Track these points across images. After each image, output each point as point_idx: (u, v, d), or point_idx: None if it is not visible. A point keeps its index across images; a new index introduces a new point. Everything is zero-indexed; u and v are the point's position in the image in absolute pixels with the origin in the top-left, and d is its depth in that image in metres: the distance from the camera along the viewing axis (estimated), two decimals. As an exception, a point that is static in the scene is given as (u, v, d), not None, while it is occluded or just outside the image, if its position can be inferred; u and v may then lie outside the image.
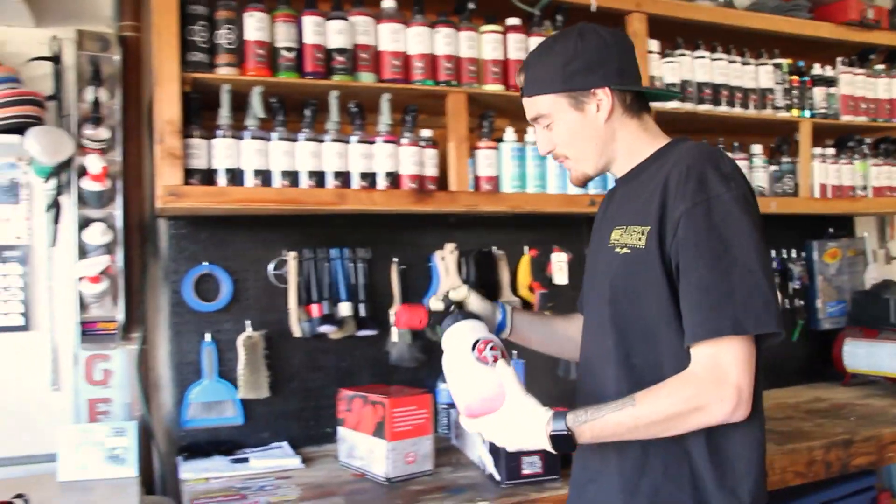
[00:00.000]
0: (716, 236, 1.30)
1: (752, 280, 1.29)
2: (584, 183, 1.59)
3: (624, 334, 1.45)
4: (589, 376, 1.55)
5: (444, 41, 2.28)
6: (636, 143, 1.53)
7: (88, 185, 2.12)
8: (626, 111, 1.51)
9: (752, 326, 1.28)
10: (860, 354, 3.15)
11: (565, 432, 1.33)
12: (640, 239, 1.41)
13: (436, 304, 1.69)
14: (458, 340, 1.47)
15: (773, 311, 1.29)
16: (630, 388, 1.39)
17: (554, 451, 1.37)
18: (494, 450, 1.99)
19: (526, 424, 1.37)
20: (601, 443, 1.42)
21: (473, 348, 1.44)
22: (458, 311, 1.58)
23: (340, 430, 2.20)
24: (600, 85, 1.48)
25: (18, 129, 2.04)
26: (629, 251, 1.43)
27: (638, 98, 1.53)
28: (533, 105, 1.54)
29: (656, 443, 1.38)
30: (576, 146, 1.52)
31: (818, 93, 3.00)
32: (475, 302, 1.69)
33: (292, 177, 2.11)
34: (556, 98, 1.49)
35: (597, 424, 1.33)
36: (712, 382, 1.28)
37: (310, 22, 2.12)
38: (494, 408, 1.39)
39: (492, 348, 1.44)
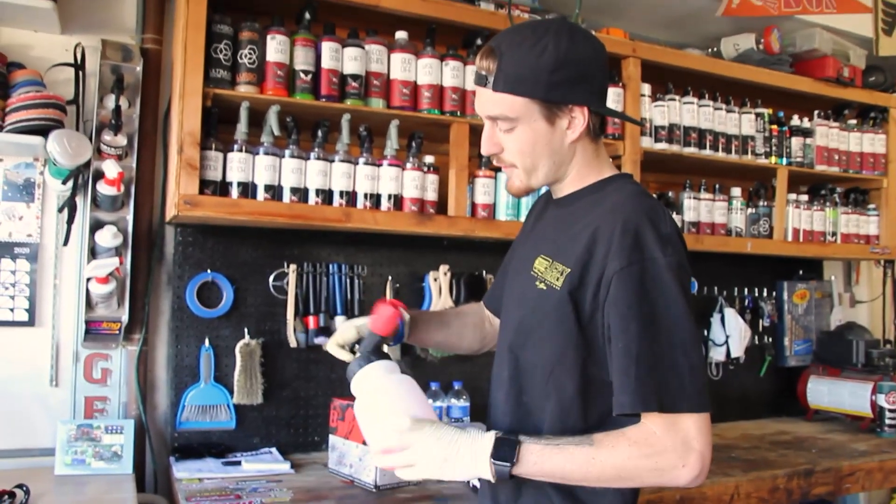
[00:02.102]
0: (647, 303, 1.26)
1: (675, 355, 1.25)
2: (523, 195, 1.49)
3: (520, 370, 1.43)
4: (491, 393, 1.52)
5: (451, 73, 2.40)
6: (586, 168, 1.45)
7: (104, 188, 2.19)
8: (589, 134, 1.42)
9: (673, 405, 1.23)
10: (823, 392, 3.30)
11: (514, 441, 1.26)
12: (558, 279, 1.36)
13: (336, 350, 1.59)
14: (375, 384, 1.40)
15: (695, 390, 1.24)
16: (512, 424, 1.39)
17: (491, 470, 1.25)
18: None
19: (471, 436, 1.28)
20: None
21: None
22: (367, 353, 1.45)
23: (332, 438, 2.28)
24: (580, 103, 1.37)
25: (40, 130, 2.11)
26: (545, 288, 1.38)
27: (601, 121, 1.46)
28: (500, 103, 1.36)
29: (530, 481, 1.32)
30: (532, 158, 1.40)
31: (795, 142, 3.16)
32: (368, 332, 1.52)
33: (301, 193, 2.21)
34: (530, 103, 1.35)
35: (546, 452, 1.26)
36: (676, 447, 1.23)
37: (327, 48, 2.23)
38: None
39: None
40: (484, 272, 2.80)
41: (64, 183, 2.20)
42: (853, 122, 3.37)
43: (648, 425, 1.25)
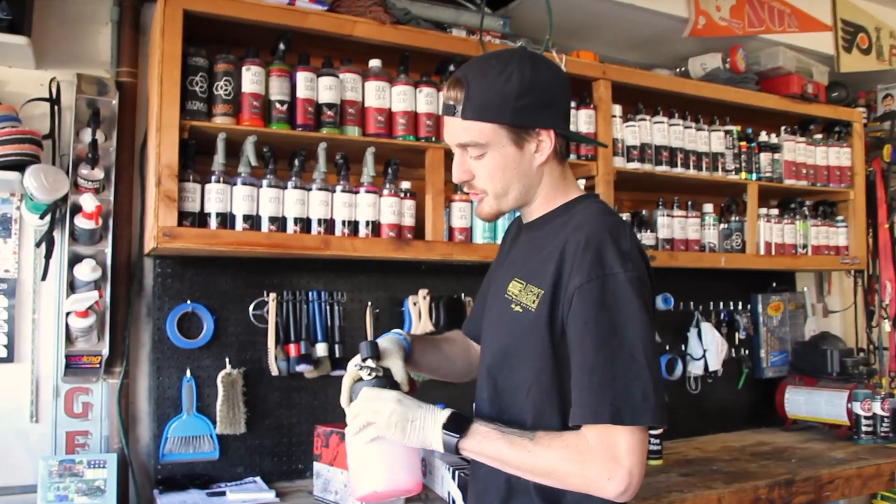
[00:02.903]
0: (605, 317, 1.29)
1: (633, 369, 1.27)
2: (493, 219, 1.52)
3: (499, 391, 1.46)
4: (475, 414, 1.53)
5: (425, 100, 2.44)
6: (554, 190, 1.48)
7: (82, 222, 2.19)
8: (556, 156, 1.46)
9: (628, 419, 1.26)
10: (800, 401, 3.35)
11: (467, 419, 1.34)
12: (533, 302, 1.39)
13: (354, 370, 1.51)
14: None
15: (650, 405, 1.26)
16: None
17: (441, 438, 1.34)
18: (463, 485, 2.11)
19: (430, 408, 1.37)
20: (469, 488, 1.50)
21: None
22: (379, 375, 1.46)
23: (316, 466, 2.28)
24: (547, 126, 1.41)
25: (16, 166, 2.11)
26: (521, 311, 1.41)
27: (567, 144, 1.49)
28: (470, 130, 1.40)
29: (516, 499, 1.41)
30: (502, 182, 1.43)
31: (764, 158, 3.23)
32: (392, 354, 1.53)
33: (280, 222, 2.23)
34: (498, 129, 1.39)
35: (491, 435, 1.33)
36: (605, 460, 1.26)
37: (302, 77, 2.26)
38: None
39: None
40: (463, 295, 2.82)
41: (41, 217, 2.20)
42: (819, 136, 3.45)
43: (585, 433, 1.29)
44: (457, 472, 2.18)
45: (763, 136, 3.27)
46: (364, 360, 1.48)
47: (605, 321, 1.29)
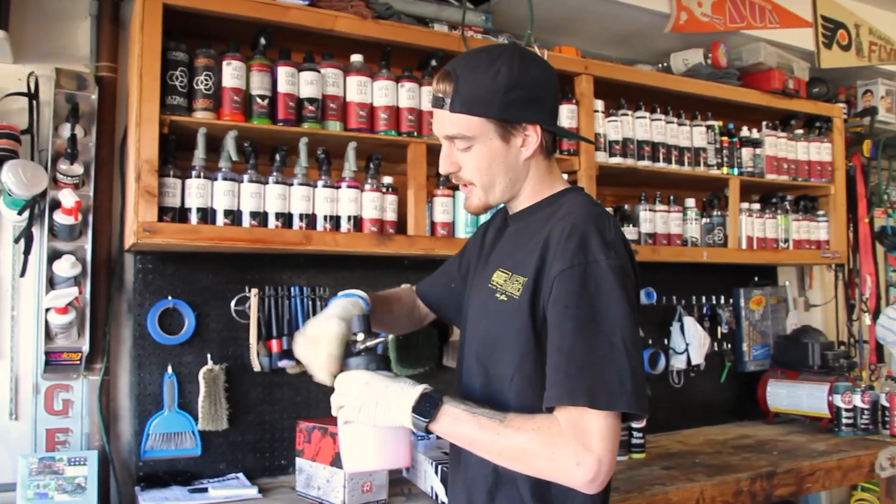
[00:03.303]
0: (586, 302, 1.29)
1: (612, 355, 1.27)
2: (482, 212, 1.54)
3: (490, 379, 1.47)
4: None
5: (407, 94, 2.44)
6: (540, 184, 1.51)
7: (61, 218, 2.18)
8: (542, 151, 1.48)
9: (604, 403, 1.25)
10: (782, 395, 3.38)
11: (437, 400, 1.32)
12: (518, 290, 1.40)
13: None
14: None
15: (626, 390, 1.26)
16: None
17: (410, 420, 1.33)
18: (445, 479, 2.11)
19: (400, 387, 1.36)
20: (454, 480, 1.50)
21: None
22: (373, 354, 1.46)
23: (299, 461, 2.28)
24: (533, 121, 1.44)
25: (-6, 161, 2.10)
26: (506, 299, 1.43)
27: (553, 139, 1.52)
28: (458, 123, 1.43)
29: (503, 489, 1.42)
30: (489, 176, 1.46)
31: (746, 153, 3.25)
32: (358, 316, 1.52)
33: (261, 217, 2.22)
34: (486, 122, 1.41)
35: (462, 416, 1.31)
36: (574, 444, 1.25)
37: (283, 72, 2.25)
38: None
39: None
40: (446, 289, 2.82)
41: (20, 213, 2.18)
42: (800, 131, 3.47)
43: (557, 417, 1.29)
44: (439, 467, 2.18)
45: (745, 132, 3.28)
46: (355, 334, 1.48)
47: (585, 307, 1.30)
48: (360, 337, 1.47)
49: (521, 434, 1.28)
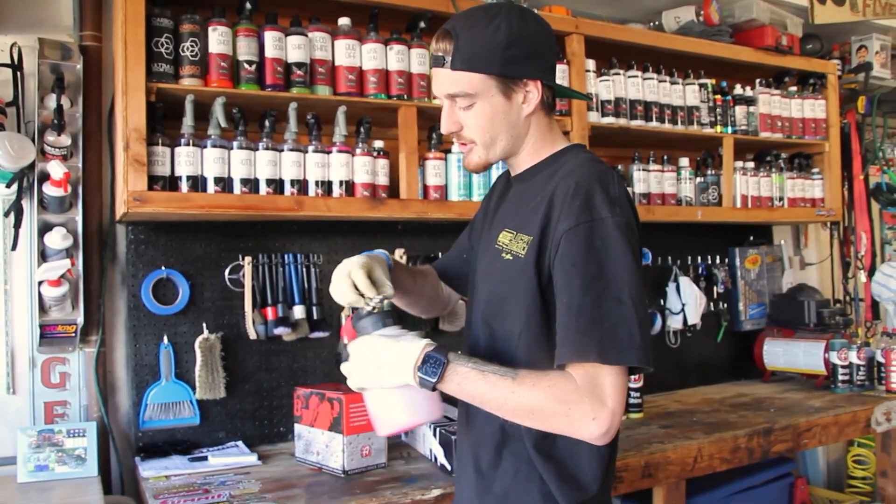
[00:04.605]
0: (593, 259, 1.31)
1: (620, 310, 1.28)
2: (481, 170, 1.53)
3: (495, 339, 1.48)
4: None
5: (396, 57, 2.41)
6: (541, 141, 1.51)
7: (50, 190, 2.16)
8: (542, 107, 1.49)
9: (614, 358, 1.27)
10: (778, 353, 3.39)
11: (442, 359, 1.31)
12: (523, 249, 1.42)
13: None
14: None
15: (636, 345, 1.28)
16: None
17: (416, 380, 1.32)
18: (445, 442, 2.12)
19: (401, 346, 1.35)
20: (462, 438, 1.49)
21: None
22: (381, 313, 1.45)
23: (297, 427, 2.28)
24: (534, 77, 1.44)
25: (-21, 135, 2.08)
26: (511, 258, 1.44)
27: (553, 96, 1.52)
28: (459, 81, 1.42)
29: (510, 445, 1.44)
30: (491, 133, 1.46)
31: (739, 111, 3.23)
32: (385, 278, 1.52)
33: (252, 184, 2.21)
34: (487, 79, 1.42)
35: (471, 375, 1.31)
36: (591, 400, 1.27)
37: (270, 37, 2.22)
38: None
39: None
40: (440, 254, 2.81)
41: (8, 186, 2.17)
42: (794, 89, 3.44)
43: (571, 373, 1.30)
44: (438, 430, 2.19)
45: (738, 90, 3.26)
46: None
47: (593, 264, 1.31)
48: (372, 294, 1.46)
49: (536, 391, 1.29)
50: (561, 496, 1.41)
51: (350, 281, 1.47)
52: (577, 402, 1.27)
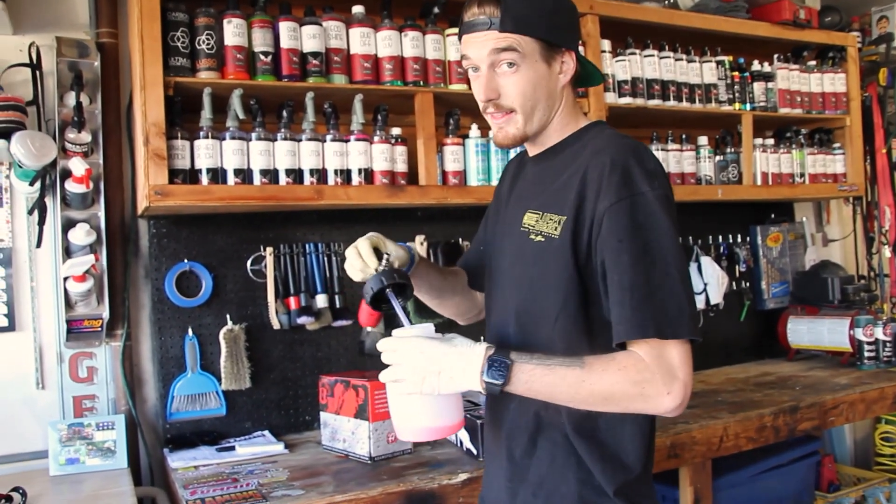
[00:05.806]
0: (638, 235, 1.30)
1: (669, 284, 1.29)
2: (515, 145, 1.50)
3: (524, 323, 1.46)
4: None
5: (411, 44, 2.40)
6: (568, 117, 1.50)
7: (72, 187, 2.18)
8: (573, 81, 1.49)
9: (670, 332, 1.27)
10: (802, 331, 3.36)
11: (507, 361, 1.29)
12: (555, 229, 1.39)
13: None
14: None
15: (685, 318, 1.28)
16: None
17: (482, 386, 1.30)
18: (471, 427, 2.12)
19: (460, 351, 1.32)
20: (492, 426, 1.48)
21: None
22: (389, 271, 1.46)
23: (323, 415, 2.30)
24: (571, 47, 1.45)
25: (2, 134, 2.10)
26: (543, 240, 1.41)
27: (578, 72, 1.50)
28: (508, 41, 1.39)
29: (545, 433, 1.43)
30: (532, 100, 1.43)
31: (757, 87, 3.19)
32: (395, 252, 1.55)
33: (271, 175, 2.22)
34: (534, 43, 1.40)
35: (537, 372, 1.29)
36: (662, 375, 1.26)
37: (285, 27, 2.22)
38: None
39: None
40: (460, 239, 2.81)
41: (31, 184, 2.19)
42: (813, 63, 3.40)
43: (637, 352, 1.29)
44: (464, 415, 2.19)
45: (756, 66, 3.22)
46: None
47: (639, 239, 1.30)
48: (372, 262, 1.48)
49: (607, 375, 1.28)
50: (604, 479, 1.39)
51: (355, 251, 1.50)
52: (649, 381, 1.27)
